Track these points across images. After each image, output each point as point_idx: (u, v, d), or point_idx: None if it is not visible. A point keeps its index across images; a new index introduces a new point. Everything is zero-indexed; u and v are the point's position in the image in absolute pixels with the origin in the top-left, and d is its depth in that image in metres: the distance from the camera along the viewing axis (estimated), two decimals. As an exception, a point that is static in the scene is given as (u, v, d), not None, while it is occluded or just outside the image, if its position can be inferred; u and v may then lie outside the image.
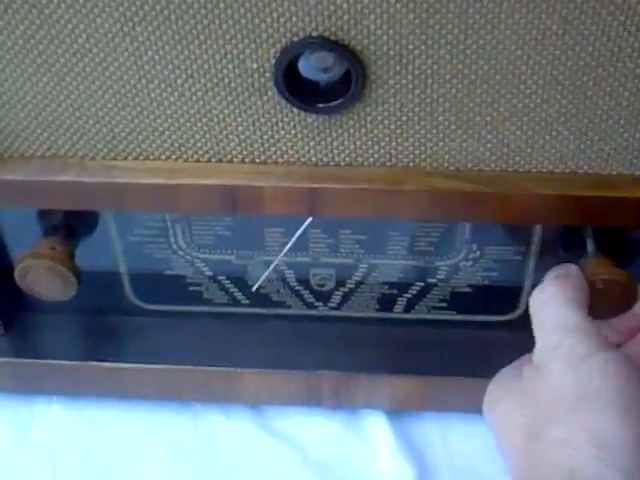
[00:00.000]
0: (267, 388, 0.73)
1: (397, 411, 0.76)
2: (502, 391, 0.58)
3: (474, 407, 0.71)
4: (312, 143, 0.59)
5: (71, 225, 0.68)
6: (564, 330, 0.56)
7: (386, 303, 0.74)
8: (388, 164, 0.60)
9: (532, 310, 0.59)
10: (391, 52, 0.54)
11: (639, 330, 0.63)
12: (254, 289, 0.73)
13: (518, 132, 0.58)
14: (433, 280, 0.72)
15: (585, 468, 0.48)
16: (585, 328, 0.56)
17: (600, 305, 0.63)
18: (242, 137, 0.59)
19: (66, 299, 0.68)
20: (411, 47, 0.54)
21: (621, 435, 0.49)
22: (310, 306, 0.75)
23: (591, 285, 0.63)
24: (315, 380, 0.72)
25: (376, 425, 0.75)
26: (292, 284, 0.73)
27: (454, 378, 0.72)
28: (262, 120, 0.58)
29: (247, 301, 0.75)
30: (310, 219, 0.66)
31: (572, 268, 0.62)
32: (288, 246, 0.69)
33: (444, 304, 0.74)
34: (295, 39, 0.54)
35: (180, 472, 0.73)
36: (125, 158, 0.61)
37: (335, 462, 0.74)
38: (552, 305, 0.58)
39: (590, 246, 0.66)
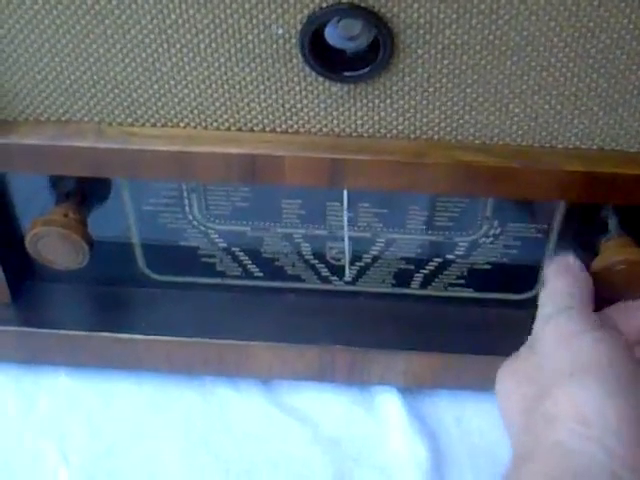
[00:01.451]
0: (280, 362, 0.72)
1: (410, 388, 0.75)
2: (504, 374, 0.59)
3: (489, 385, 0.71)
4: (335, 113, 0.58)
5: (84, 192, 0.67)
6: (563, 305, 0.57)
7: (402, 279, 0.73)
8: (412, 136, 0.59)
9: (546, 277, 0.61)
10: (421, 20, 0.53)
11: None
12: (347, 278, 0.73)
13: (547, 106, 0.57)
14: (451, 256, 0.71)
15: (569, 442, 0.49)
16: (582, 309, 0.57)
17: (620, 286, 0.63)
18: (264, 105, 0.58)
19: (77, 268, 0.67)
20: (442, 16, 0.52)
21: (605, 413, 0.49)
22: (325, 280, 0.74)
23: (612, 265, 0.62)
24: (329, 355, 0.71)
25: (389, 402, 0.75)
26: (307, 257, 0.72)
27: (470, 356, 0.71)
28: (285, 88, 0.57)
29: (261, 274, 0.74)
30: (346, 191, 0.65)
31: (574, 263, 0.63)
32: (345, 221, 0.68)
33: (462, 281, 0.73)
34: (323, 5, 0.52)
35: (190, 446, 0.72)
36: (143, 124, 0.60)
37: (347, 439, 0.73)
38: (565, 276, 0.60)
39: (612, 225, 0.65)
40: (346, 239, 0.70)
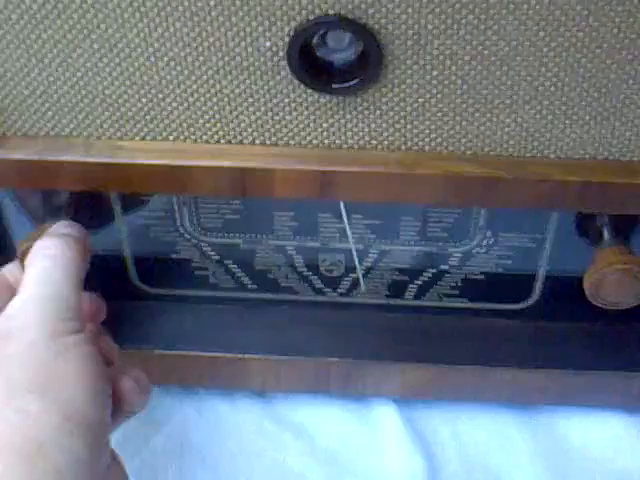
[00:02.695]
0: (274, 375, 0.72)
1: (406, 400, 0.75)
2: None
3: (486, 397, 0.71)
4: (325, 125, 0.58)
5: (75, 207, 0.67)
6: (61, 306, 0.53)
7: (396, 290, 0.73)
8: (403, 147, 0.59)
9: (29, 260, 0.56)
10: (409, 32, 0.52)
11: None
12: (362, 290, 0.73)
13: (537, 116, 0.56)
14: (445, 267, 0.71)
15: (52, 439, 0.49)
16: (74, 306, 0.54)
17: (615, 293, 0.63)
18: (253, 118, 0.58)
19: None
20: (430, 27, 0.52)
21: (86, 411, 0.51)
22: (318, 292, 0.73)
23: (607, 273, 0.62)
24: (324, 367, 0.71)
25: (385, 414, 0.74)
26: (300, 269, 0.72)
27: (465, 367, 0.70)
28: (274, 101, 0.56)
29: (254, 286, 0.73)
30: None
31: (77, 230, 0.60)
32: (350, 235, 0.68)
33: (456, 292, 0.72)
34: (311, 17, 0.52)
35: (186, 461, 0.72)
36: (132, 138, 0.59)
37: (343, 452, 0.73)
38: (57, 271, 0.55)
39: (606, 234, 0.65)
40: (354, 252, 0.70)
